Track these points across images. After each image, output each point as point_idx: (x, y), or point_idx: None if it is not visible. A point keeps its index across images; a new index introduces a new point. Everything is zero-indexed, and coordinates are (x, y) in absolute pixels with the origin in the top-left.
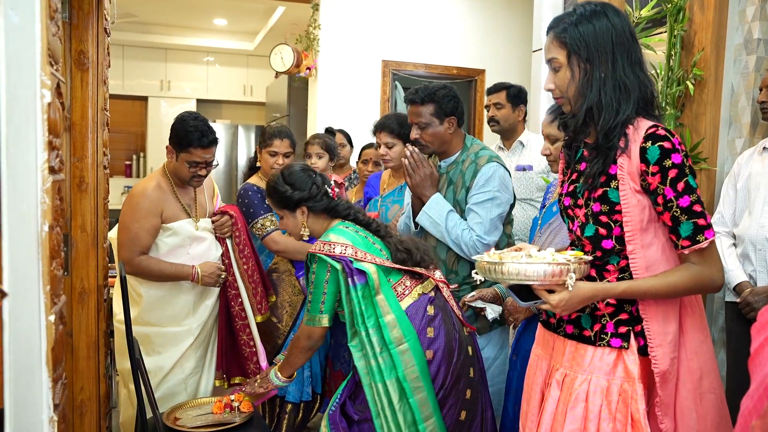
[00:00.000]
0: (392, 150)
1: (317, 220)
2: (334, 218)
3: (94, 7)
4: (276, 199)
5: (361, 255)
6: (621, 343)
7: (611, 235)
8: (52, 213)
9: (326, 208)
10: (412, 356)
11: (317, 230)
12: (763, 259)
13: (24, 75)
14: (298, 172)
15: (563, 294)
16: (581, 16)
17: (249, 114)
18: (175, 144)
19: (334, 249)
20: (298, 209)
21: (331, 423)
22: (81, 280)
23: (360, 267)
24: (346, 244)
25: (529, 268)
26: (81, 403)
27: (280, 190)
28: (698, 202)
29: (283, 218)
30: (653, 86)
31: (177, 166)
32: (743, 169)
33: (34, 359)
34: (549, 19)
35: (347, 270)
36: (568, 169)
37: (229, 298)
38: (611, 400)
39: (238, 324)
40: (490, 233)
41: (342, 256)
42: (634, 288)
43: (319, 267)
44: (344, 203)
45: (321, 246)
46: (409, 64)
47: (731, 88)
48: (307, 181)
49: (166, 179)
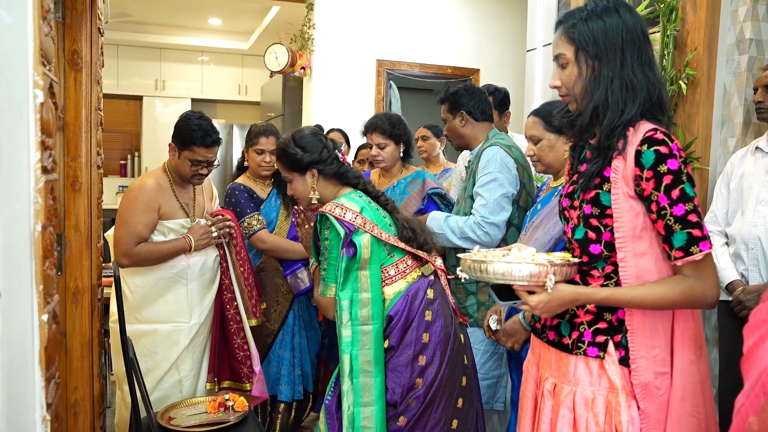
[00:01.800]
0: (384, 150)
1: (327, 185)
2: (344, 185)
3: (87, 7)
4: (286, 162)
5: (369, 227)
6: (597, 353)
7: (600, 239)
8: (45, 213)
9: (336, 173)
10: (372, 340)
11: (327, 195)
12: (755, 258)
13: (16, 75)
14: (309, 136)
15: (542, 296)
16: (591, 12)
17: (244, 113)
18: (178, 142)
19: (345, 215)
20: (308, 172)
21: (327, 413)
22: (75, 279)
23: (354, 239)
24: (357, 213)
25: (510, 268)
26: (75, 402)
27: (290, 152)
28: (694, 212)
29: (292, 182)
30: (663, 88)
31: (179, 164)
32: (736, 169)
33: (27, 358)
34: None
35: (345, 240)
36: (572, 170)
37: (224, 301)
38: (597, 411)
39: (232, 327)
40: (495, 213)
41: (350, 223)
42: (616, 295)
43: (332, 232)
44: (354, 171)
45: (332, 207)
46: (403, 64)
47: (724, 87)
48: (318, 144)
49: (166, 176)
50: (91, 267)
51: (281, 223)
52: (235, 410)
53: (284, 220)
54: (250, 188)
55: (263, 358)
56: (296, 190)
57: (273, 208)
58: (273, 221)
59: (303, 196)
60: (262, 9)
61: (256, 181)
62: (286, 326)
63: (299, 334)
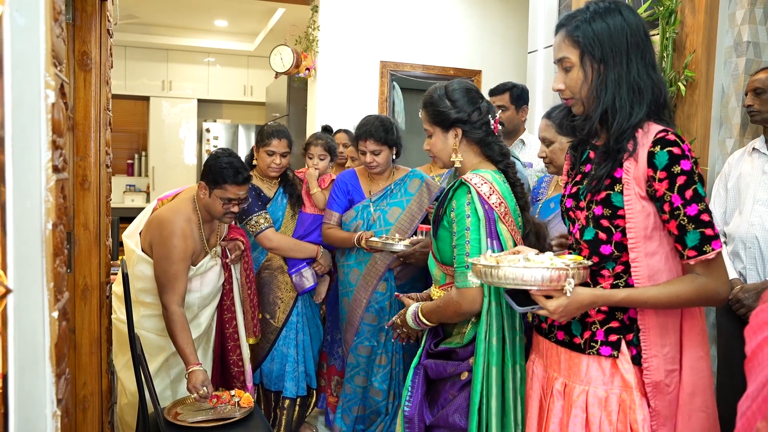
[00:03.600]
0: (379, 156)
1: (468, 151)
2: (485, 159)
3: (97, 9)
4: (431, 112)
5: (509, 221)
6: (611, 352)
7: (611, 240)
8: (55, 211)
9: (481, 140)
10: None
11: (466, 162)
12: (753, 257)
13: (29, 76)
14: (463, 90)
15: (561, 300)
16: (595, 13)
17: (249, 114)
18: (209, 180)
19: (491, 196)
20: (451, 130)
21: (407, 422)
22: (84, 277)
23: (499, 230)
24: (502, 200)
25: (527, 273)
26: (84, 398)
27: (438, 103)
28: (706, 211)
29: (432, 136)
30: (666, 88)
31: (210, 203)
32: (734, 170)
33: (38, 355)
34: (544, 21)
35: (489, 226)
36: (573, 170)
37: (224, 320)
38: (611, 410)
39: (230, 345)
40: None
41: (492, 208)
42: (634, 296)
43: (472, 207)
44: (502, 145)
45: (480, 181)
46: (406, 65)
47: (722, 89)
48: (470, 102)
49: (195, 215)
50: (100, 264)
51: (287, 222)
52: (241, 406)
53: (290, 219)
54: (257, 187)
55: (267, 354)
56: (434, 147)
57: (279, 207)
58: (279, 220)
59: (440, 155)
60: (267, 11)
61: (263, 180)
62: (290, 324)
63: (303, 331)
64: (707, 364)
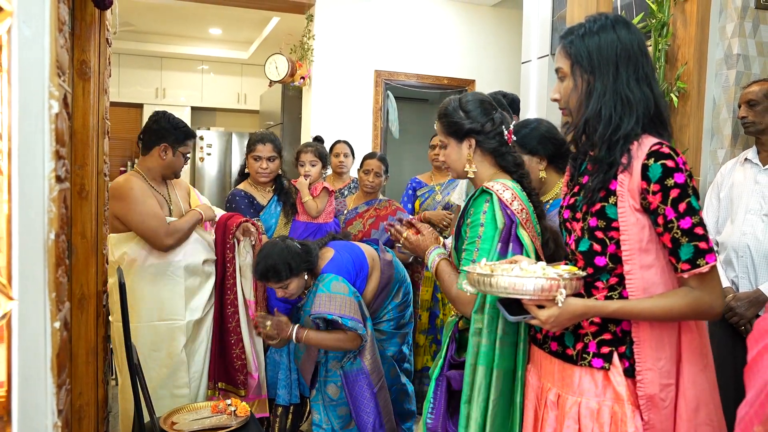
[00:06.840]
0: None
1: (483, 161)
2: (500, 170)
3: (96, 18)
4: (445, 123)
5: (530, 228)
6: (602, 364)
7: (605, 252)
8: (58, 221)
9: (494, 150)
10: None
11: (481, 173)
12: (745, 266)
13: (34, 86)
14: (477, 101)
15: (553, 310)
16: (589, 30)
17: (243, 122)
18: (172, 141)
19: (513, 202)
20: (465, 140)
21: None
22: (81, 286)
23: (520, 235)
24: (523, 206)
25: (519, 282)
26: (80, 408)
27: (452, 114)
28: (700, 225)
29: (446, 147)
30: (664, 104)
31: (174, 161)
32: (726, 179)
33: (40, 365)
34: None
35: (504, 234)
36: (571, 181)
37: (227, 315)
38: (603, 422)
39: (232, 338)
40: None
41: (514, 214)
42: (627, 308)
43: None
44: (516, 156)
45: (502, 188)
46: (401, 74)
47: (713, 100)
48: (484, 113)
49: (143, 180)
50: (97, 273)
51: (280, 229)
52: (237, 415)
53: (283, 227)
54: (250, 194)
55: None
56: (448, 158)
57: (273, 215)
58: (272, 227)
59: (454, 166)
60: (262, 20)
61: (257, 187)
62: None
63: None
64: (708, 377)
